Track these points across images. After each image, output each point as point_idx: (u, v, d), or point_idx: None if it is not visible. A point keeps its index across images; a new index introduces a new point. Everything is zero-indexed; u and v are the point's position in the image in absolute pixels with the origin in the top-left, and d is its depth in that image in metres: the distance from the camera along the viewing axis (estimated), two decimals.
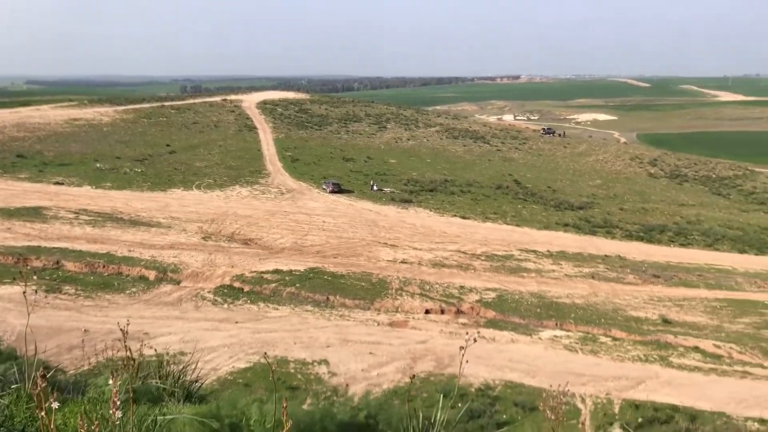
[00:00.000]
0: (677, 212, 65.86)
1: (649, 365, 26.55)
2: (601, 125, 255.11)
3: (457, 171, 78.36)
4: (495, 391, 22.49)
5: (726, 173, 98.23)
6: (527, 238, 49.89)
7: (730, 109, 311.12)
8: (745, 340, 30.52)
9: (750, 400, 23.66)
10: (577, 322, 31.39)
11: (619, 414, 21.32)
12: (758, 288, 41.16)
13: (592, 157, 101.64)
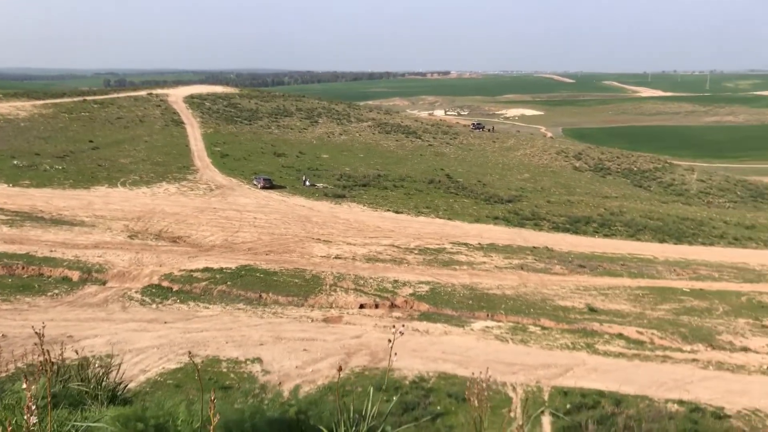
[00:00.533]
0: (601, 204, 68.22)
1: (577, 353, 27.41)
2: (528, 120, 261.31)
3: (390, 166, 78.74)
4: (429, 383, 22.73)
5: (647, 166, 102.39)
6: (459, 231, 50.64)
7: (649, 104, 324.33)
8: (665, 326, 31.93)
9: (670, 383, 24.78)
10: (507, 312, 32.09)
11: (549, 401, 21.93)
12: (677, 276, 43.13)
13: (520, 152, 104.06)
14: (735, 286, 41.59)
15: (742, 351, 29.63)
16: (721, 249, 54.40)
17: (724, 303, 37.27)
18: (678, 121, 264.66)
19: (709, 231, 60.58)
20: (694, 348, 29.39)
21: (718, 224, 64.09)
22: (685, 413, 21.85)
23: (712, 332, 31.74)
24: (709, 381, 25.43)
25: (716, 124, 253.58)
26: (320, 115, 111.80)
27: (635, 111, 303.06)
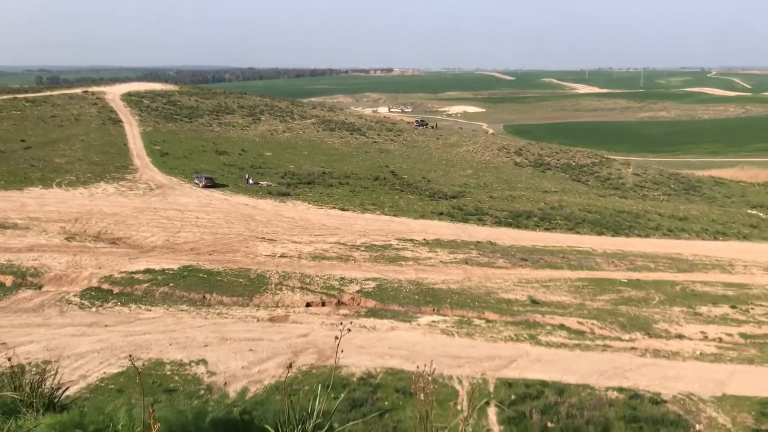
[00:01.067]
0: (542, 198, 69.70)
1: (520, 344, 27.97)
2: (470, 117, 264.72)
3: (334, 163, 78.54)
4: (377, 379, 22.81)
5: (584, 161, 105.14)
6: (405, 227, 50.93)
7: (587, 101, 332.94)
8: (604, 316, 32.89)
9: (610, 371, 25.55)
10: (453, 306, 32.47)
11: (494, 392, 22.31)
12: (615, 267, 44.46)
13: (463, 148, 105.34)
14: (670, 275, 43.16)
15: (677, 338, 30.79)
16: (656, 240, 56.36)
17: (660, 292, 38.64)
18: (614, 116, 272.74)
19: (645, 223, 62.67)
20: (632, 336, 30.37)
21: (653, 216, 66.36)
22: (625, 400, 22.58)
23: (648, 321, 32.86)
24: (646, 368, 26.33)
25: (650, 119, 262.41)
26: (263, 113, 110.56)
27: (573, 107, 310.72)
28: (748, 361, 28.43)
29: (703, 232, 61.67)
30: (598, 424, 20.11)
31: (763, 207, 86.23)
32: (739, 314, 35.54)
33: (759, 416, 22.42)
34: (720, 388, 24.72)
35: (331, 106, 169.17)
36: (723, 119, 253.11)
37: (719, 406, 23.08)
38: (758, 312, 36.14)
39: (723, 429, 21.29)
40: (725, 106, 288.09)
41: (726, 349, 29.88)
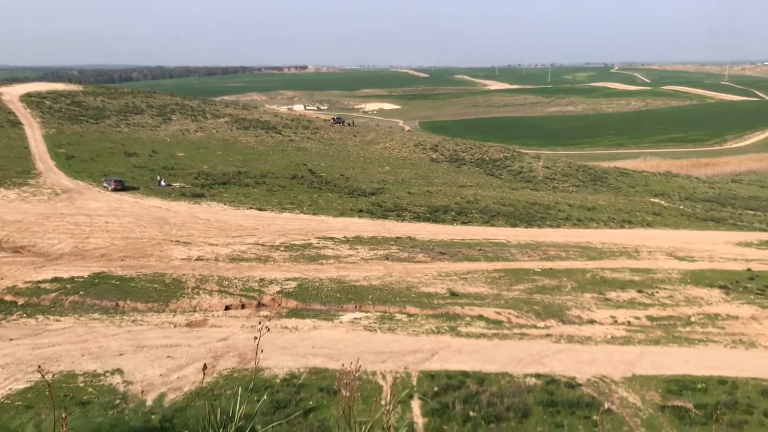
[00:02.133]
0: (458, 193, 71.08)
1: (441, 336, 28.44)
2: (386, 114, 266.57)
3: (250, 162, 77.25)
4: (300, 379, 22.64)
5: (497, 155, 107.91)
6: (325, 225, 50.74)
7: (498, 97, 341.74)
8: (520, 305, 33.91)
9: (527, 358, 26.38)
10: (374, 302, 32.64)
11: (417, 385, 22.59)
12: (529, 257, 45.90)
13: (380, 145, 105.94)
14: (580, 264, 44.97)
15: (589, 323, 32.15)
16: (567, 230, 58.59)
17: (572, 280, 40.20)
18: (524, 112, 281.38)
19: (556, 214, 65.02)
20: (547, 324, 31.46)
21: (563, 207, 68.94)
22: (542, 385, 23.37)
23: (562, 308, 34.13)
24: (561, 354, 27.35)
25: (558, 114, 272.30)
26: (173, 112, 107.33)
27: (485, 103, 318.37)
28: (654, 342, 30.03)
29: (610, 221, 64.60)
30: (518, 411, 20.71)
31: (665, 195, 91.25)
32: (646, 298, 37.47)
33: (665, 394, 23.73)
34: (630, 369, 25.99)
35: (245, 104, 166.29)
36: (626, 113, 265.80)
37: (630, 386, 24.27)
38: (662, 295, 38.22)
39: (633, 408, 22.38)
40: (627, 100, 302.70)
41: (634, 332, 31.46)
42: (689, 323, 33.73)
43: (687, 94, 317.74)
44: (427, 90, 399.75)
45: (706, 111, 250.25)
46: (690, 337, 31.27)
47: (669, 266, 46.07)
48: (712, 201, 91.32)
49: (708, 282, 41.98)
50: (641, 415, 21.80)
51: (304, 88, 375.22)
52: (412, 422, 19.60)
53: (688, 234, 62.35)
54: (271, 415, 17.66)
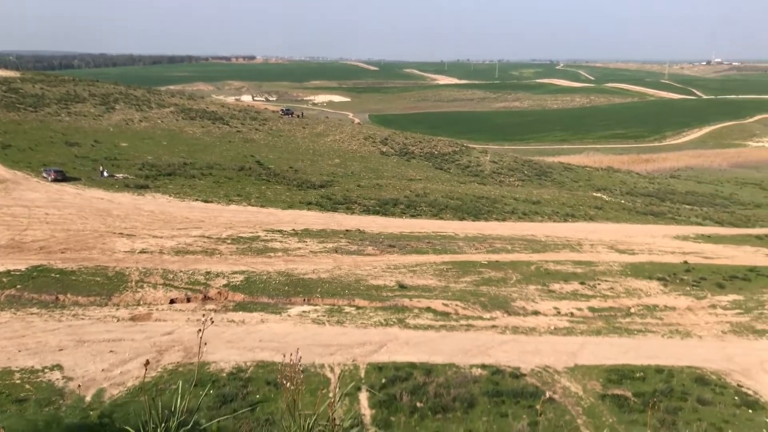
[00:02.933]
0: (407, 186, 71.45)
1: (390, 328, 28.59)
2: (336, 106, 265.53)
3: (196, 153, 75.87)
4: (247, 372, 22.43)
5: (446, 150, 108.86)
6: (273, 218, 50.29)
7: (447, 92, 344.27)
8: (467, 297, 34.36)
9: (474, 349, 26.77)
10: (323, 295, 32.56)
11: (365, 377, 22.67)
12: (476, 250, 46.51)
13: (330, 137, 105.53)
14: (525, 256, 45.82)
15: (533, 315, 32.83)
16: (513, 223, 59.62)
17: (517, 272, 40.94)
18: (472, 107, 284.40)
19: (502, 207, 66.08)
20: (493, 315, 31.98)
21: (509, 201, 70.09)
22: (488, 376, 23.76)
23: (507, 299, 34.74)
24: (506, 344, 27.85)
25: (505, 109, 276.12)
26: (117, 101, 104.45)
27: (434, 98, 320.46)
28: (595, 333, 30.88)
29: (554, 215, 66.02)
30: (464, 401, 21.01)
31: (607, 190, 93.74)
32: (588, 290, 38.48)
33: (606, 383, 24.45)
34: (572, 359, 26.68)
35: (191, 94, 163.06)
36: (570, 109, 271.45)
37: (572, 375, 24.91)
38: (604, 287, 39.31)
39: (575, 397, 22.99)
40: (572, 96, 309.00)
41: (577, 323, 32.28)
42: (629, 314, 34.79)
43: (629, 91, 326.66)
44: (377, 83, 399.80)
45: (646, 108, 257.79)
46: (629, 328, 32.27)
47: (610, 259, 47.38)
48: (652, 196, 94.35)
49: (647, 274, 43.37)
50: (583, 404, 22.41)
51: (252, 78, 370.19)
52: (360, 414, 19.67)
53: (629, 228, 64.27)
54: (217, 410, 17.46)
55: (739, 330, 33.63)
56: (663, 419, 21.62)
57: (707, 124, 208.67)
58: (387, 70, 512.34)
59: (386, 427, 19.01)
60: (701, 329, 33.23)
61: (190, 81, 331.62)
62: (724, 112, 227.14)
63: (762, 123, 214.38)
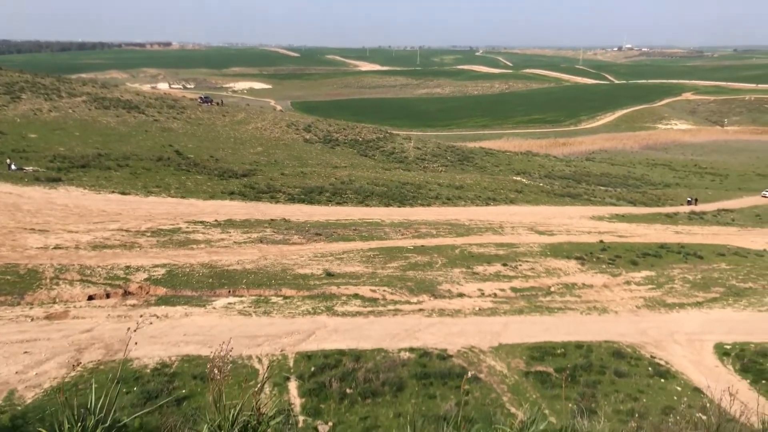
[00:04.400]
0: (332, 174, 71.23)
1: (318, 317, 28.54)
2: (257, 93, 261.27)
3: (111, 144, 73.02)
4: (172, 367, 21.91)
5: (370, 136, 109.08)
6: (194, 209, 49.12)
7: (369, 78, 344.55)
8: (394, 282, 34.69)
9: (401, 333, 27.10)
10: (249, 286, 32.12)
11: (294, 367, 22.58)
12: (402, 235, 46.97)
13: (252, 125, 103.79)
14: (450, 240, 46.64)
15: (459, 297, 33.51)
16: (437, 208, 60.51)
17: (442, 256, 41.64)
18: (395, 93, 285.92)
19: (426, 193, 66.91)
20: (419, 299, 32.43)
21: (433, 186, 71.04)
22: (416, 359, 24.13)
23: (433, 283, 35.30)
24: (433, 327, 28.34)
25: (427, 95, 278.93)
26: (23, 90, 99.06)
27: (357, 84, 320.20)
28: (518, 312, 31.85)
29: (477, 199, 67.42)
30: (393, 385, 21.27)
31: (526, 173, 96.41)
32: (510, 270, 39.58)
33: (529, 360, 25.29)
34: (496, 338, 27.44)
35: (103, 82, 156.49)
36: (490, 95, 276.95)
37: (496, 355, 25.63)
38: (525, 267, 40.53)
39: (500, 375, 23.67)
40: (491, 82, 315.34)
41: (500, 303, 33.17)
42: (549, 293, 36.04)
43: (546, 77, 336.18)
44: (299, 69, 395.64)
45: (562, 93, 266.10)
46: (550, 306, 33.45)
47: (530, 240, 48.87)
48: (569, 178, 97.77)
49: (565, 254, 45.00)
50: (508, 382, 23.10)
51: (168, 65, 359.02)
52: (290, 403, 19.60)
53: (548, 209, 66.42)
54: (141, 407, 16.98)
55: (651, 304, 35.44)
56: (583, 393, 22.58)
57: (619, 108, 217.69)
58: (308, 57, 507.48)
59: (316, 415, 19.03)
60: (617, 305, 34.82)
61: (102, 69, 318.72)
62: (635, 97, 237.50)
63: (670, 106, 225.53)
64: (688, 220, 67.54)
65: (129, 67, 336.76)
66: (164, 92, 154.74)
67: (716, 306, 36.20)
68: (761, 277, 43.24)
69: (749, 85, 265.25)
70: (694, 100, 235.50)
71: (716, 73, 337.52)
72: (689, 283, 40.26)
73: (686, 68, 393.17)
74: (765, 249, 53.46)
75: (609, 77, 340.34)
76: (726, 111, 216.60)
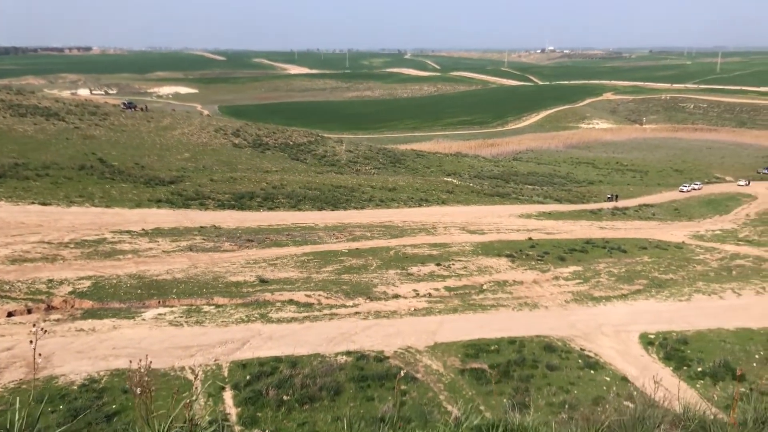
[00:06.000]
0: (263, 179, 70.37)
1: (252, 324, 28.12)
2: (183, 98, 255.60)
3: (29, 153, 69.80)
4: (101, 383, 21.13)
5: (301, 140, 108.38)
6: (120, 218, 47.58)
7: (299, 81, 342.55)
8: (330, 286, 34.58)
9: (338, 337, 27.02)
10: (179, 296, 31.36)
11: (229, 376, 22.16)
12: (336, 239, 46.88)
13: (178, 131, 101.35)
14: (384, 242, 46.87)
15: (394, 298, 33.70)
16: (371, 211, 60.69)
17: (377, 258, 41.80)
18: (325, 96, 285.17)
19: (360, 196, 67.00)
20: (355, 302, 32.43)
21: (366, 189, 71.20)
22: (353, 362, 24.10)
23: (369, 285, 35.38)
24: (370, 329, 28.39)
25: (357, 98, 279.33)
26: None
27: (286, 88, 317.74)
28: (452, 311, 32.29)
29: (410, 200, 67.99)
30: (331, 389, 21.18)
31: (456, 174, 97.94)
32: (443, 270, 40.10)
33: (464, 358, 25.67)
34: (432, 338, 27.73)
35: (19, 88, 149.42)
36: (419, 97, 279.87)
37: (433, 354, 25.89)
38: (458, 267, 41.15)
39: (437, 374, 23.92)
40: (420, 85, 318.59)
41: (435, 303, 33.56)
42: (482, 291, 36.71)
43: (473, 79, 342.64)
44: (226, 73, 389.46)
45: (489, 95, 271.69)
46: (483, 304, 34.07)
47: (462, 240, 49.66)
48: (498, 178, 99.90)
49: (496, 252, 45.96)
50: (444, 380, 23.37)
51: (89, 71, 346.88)
52: (225, 413, 19.23)
53: (478, 209, 67.66)
54: (68, 425, 16.29)
55: (579, 298, 36.61)
56: (517, 387, 23.09)
57: (544, 108, 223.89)
58: (235, 60, 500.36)
59: (253, 424, 18.73)
60: (547, 300, 35.80)
61: (17, 75, 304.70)
62: (559, 97, 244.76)
63: (591, 106, 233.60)
64: (612, 216, 70.12)
65: (46, 73, 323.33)
66: (85, 98, 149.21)
67: (640, 298, 37.72)
68: (681, 269, 45.35)
69: (664, 84, 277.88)
70: (615, 99, 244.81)
71: (634, 73, 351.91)
72: (614, 277, 41.79)
73: (606, 69, 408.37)
74: (684, 242, 56.10)
75: (533, 79, 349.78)
76: (644, 110, 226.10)
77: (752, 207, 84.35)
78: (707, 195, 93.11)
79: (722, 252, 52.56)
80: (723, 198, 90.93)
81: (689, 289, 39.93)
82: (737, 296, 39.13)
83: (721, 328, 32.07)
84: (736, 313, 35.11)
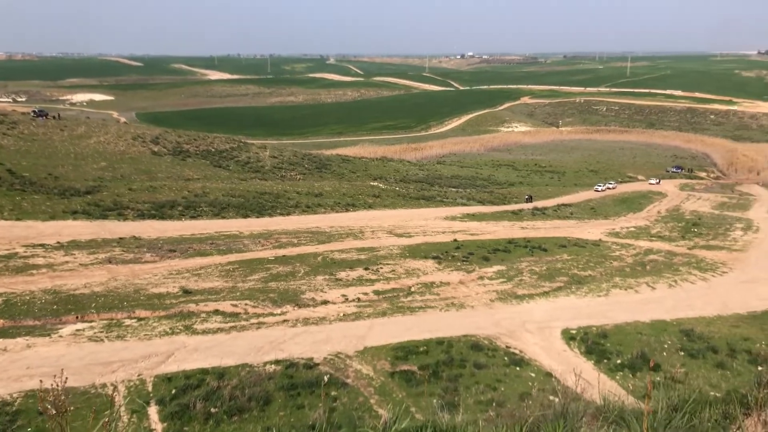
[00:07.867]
0: (185, 187, 68.62)
1: (176, 337, 27.36)
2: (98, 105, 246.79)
3: None
4: (14, 405, 20.04)
5: (223, 146, 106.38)
6: (32, 231, 45.35)
7: (219, 87, 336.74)
8: (256, 295, 34.06)
9: (266, 346, 26.64)
10: (99, 310, 30.16)
11: (154, 391, 21.47)
12: (262, 246, 46.24)
13: (93, 139, 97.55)
14: (311, 248, 46.58)
15: (323, 304, 33.52)
16: (297, 217, 60.19)
17: (305, 264, 41.49)
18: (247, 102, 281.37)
19: (285, 202, 66.34)
20: (283, 310, 32.07)
21: (292, 195, 70.57)
22: (282, 371, 23.81)
23: (297, 293, 35.07)
24: (299, 337, 28.13)
25: (280, 104, 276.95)
26: None
27: (207, 93, 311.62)
28: (381, 314, 32.42)
29: (336, 206, 67.85)
30: (260, 399, 20.86)
31: (382, 178, 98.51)
32: (372, 274, 40.22)
33: (394, 360, 25.81)
34: (362, 342, 27.74)
35: None
36: (343, 102, 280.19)
37: (362, 358, 25.90)
38: (386, 270, 41.37)
39: (367, 378, 23.95)
40: (344, 90, 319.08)
41: (364, 307, 33.60)
42: (410, 293, 37.02)
43: (395, 84, 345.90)
44: (143, 79, 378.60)
45: (412, 100, 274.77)
46: (411, 306, 34.36)
47: (390, 243, 49.98)
48: (423, 181, 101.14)
49: (423, 254, 46.50)
50: (374, 384, 23.42)
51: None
52: (150, 429, 18.61)
53: (404, 212, 68.25)
54: None
55: (503, 297, 37.48)
56: (446, 387, 23.39)
57: (465, 113, 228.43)
58: (152, 66, 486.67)
59: None
60: (473, 300, 36.47)
61: None
62: (479, 102, 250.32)
63: (510, 110, 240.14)
64: (532, 216, 72.20)
65: None
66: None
67: (561, 294, 38.99)
68: (598, 265, 47.17)
69: (579, 88, 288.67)
70: (532, 103, 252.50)
71: (550, 77, 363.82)
72: (536, 275, 43.03)
73: (523, 74, 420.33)
74: (600, 239, 58.39)
75: (454, 84, 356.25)
76: (560, 113, 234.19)
77: (663, 204, 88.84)
78: (621, 194, 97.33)
79: (637, 248, 55.03)
80: (636, 196, 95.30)
81: (607, 285, 41.58)
82: (651, 290, 41.05)
83: (637, 321, 33.55)
84: (651, 306, 36.85)
